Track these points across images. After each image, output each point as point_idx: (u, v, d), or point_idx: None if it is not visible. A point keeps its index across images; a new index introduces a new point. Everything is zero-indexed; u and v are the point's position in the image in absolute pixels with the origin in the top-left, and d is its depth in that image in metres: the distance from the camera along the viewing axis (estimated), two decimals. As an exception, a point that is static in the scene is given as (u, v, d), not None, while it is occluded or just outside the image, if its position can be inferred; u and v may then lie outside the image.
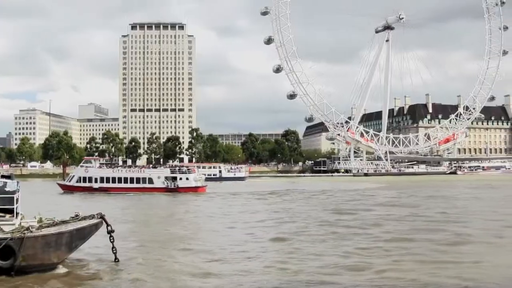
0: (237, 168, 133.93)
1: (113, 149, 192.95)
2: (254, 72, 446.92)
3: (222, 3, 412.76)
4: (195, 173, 74.50)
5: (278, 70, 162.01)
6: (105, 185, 70.74)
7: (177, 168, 76.95)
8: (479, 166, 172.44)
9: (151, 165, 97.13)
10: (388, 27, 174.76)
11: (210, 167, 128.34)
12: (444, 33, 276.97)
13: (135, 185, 70.38)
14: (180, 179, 71.32)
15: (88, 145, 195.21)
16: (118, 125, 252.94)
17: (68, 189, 72.33)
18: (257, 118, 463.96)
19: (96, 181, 71.43)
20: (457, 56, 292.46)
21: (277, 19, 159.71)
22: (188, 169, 75.07)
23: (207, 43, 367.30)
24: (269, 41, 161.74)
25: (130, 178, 71.26)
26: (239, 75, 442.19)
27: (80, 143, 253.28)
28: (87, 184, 71.40)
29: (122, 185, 70.55)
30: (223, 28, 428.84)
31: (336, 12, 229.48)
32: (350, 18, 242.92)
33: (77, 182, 72.43)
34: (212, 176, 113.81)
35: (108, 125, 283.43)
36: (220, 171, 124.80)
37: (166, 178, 71.46)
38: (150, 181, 70.97)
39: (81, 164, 78.89)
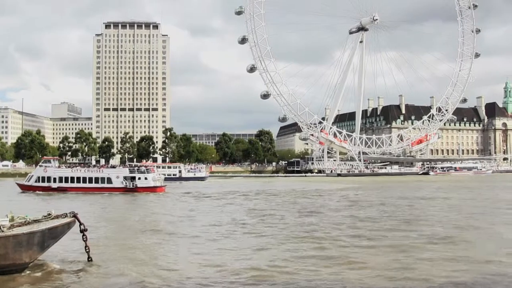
0: (197, 168, 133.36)
1: (86, 149, 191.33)
2: (228, 72, 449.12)
3: (195, 3, 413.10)
4: (154, 173, 73.68)
5: (252, 69, 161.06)
6: (63, 184, 69.57)
7: (136, 168, 75.90)
8: (451, 167, 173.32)
9: (109, 165, 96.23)
10: (362, 29, 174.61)
11: (170, 167, 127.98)
12: (417, 34, 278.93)
13: (93, 184, 69.37)
14: (139, 178, 70.35)
15: (61, 145, 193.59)
16: (92, 124, 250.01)
17: (27, 189, 70.99)
18: (231, 118, 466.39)
19: (54, 180, 70.17)
20: (430, 57, 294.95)
21: (251, 19, 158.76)
22: (147, 169, 74.04)
23: (180, 43, 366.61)
24: (243, 40, 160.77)
25: (89, 178, 70.26)
26: (212, 75, 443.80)
27: (53, 142, 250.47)
28: (45, 184, 70.15)
29: (81, 184, 69.59)
30: (196, 28, 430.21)
31: (309, 13, 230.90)
32: (323, 19, 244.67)
33: (36, 182, 71.09)
34: (172, 176, 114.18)
35: (82, 124, 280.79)
36: (180, 171, 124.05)
37: (125, 178, 70.37)
38: (109, 180, 69.92)
39: (40, 163, 77.26)
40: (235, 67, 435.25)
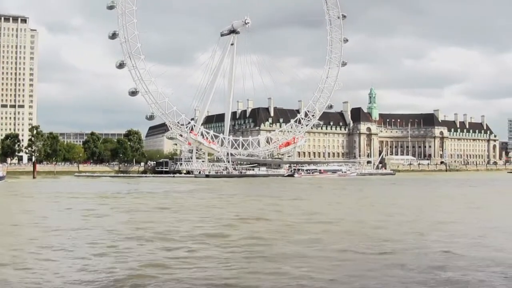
0: None
1: None
2: (91, 70, 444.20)
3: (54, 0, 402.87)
4: None
5: (121, 65, 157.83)
6: None
7: None
8: (316, 169, 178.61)
9: None
10: (233, 31, 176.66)
11: None
12: (285, 39, 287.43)
13: None
14: None
15: None
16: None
17: None
18: (98, 117, 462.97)
19: None
20: (296, 61, 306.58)
21: (123, 14, 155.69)
22: None
23: (42, 39, 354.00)
24: (113, 36, 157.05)
25: None
26: (75, 73, 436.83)
27: None
28: None
29: None
30: (56, 25, 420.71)
31: (176, 13, 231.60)
32: (188, 20, 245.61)
33: None
34: None
35: None
36: None
37: None
38: None
39: None
40: (99, 65, 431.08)
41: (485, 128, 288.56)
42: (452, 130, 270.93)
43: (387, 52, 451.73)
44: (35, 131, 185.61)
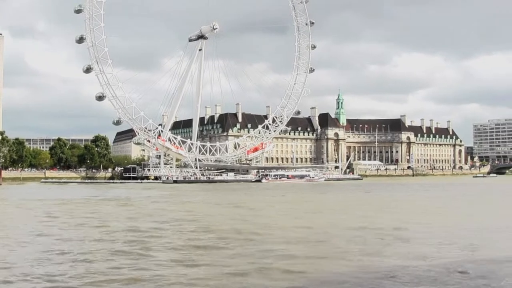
0: None
1: None
2: (56, 75, 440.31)
3: (16, 4, 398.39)
4: None
5: (88, 70, 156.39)
6: None
7: None
8: (283, 174, 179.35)
9: None
10: (201, 37, 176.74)
11: None
12: (252, 44, 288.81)
13: None
14: None
15: None
16: None
17: None
18: (64, 122, 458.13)
19: None
20: (263, 67, 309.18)
21: (90, 19, 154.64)
22: None
23: (5, 44, 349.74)
24: (80, 40, 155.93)
25: None
26: (40, 78, 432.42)
27: None
28: None
29: None
30: (19, 30, 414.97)
31: (143, 18, 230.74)
32: (159, 25, 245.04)
33: None
34: None
35: None
36: None
37: None
38: None
39: None
40: (65, 70, 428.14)
41: (451, 133, 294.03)
42: (419, 135, 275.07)
43: (352, 57, 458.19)
44: (0, 137, 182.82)
